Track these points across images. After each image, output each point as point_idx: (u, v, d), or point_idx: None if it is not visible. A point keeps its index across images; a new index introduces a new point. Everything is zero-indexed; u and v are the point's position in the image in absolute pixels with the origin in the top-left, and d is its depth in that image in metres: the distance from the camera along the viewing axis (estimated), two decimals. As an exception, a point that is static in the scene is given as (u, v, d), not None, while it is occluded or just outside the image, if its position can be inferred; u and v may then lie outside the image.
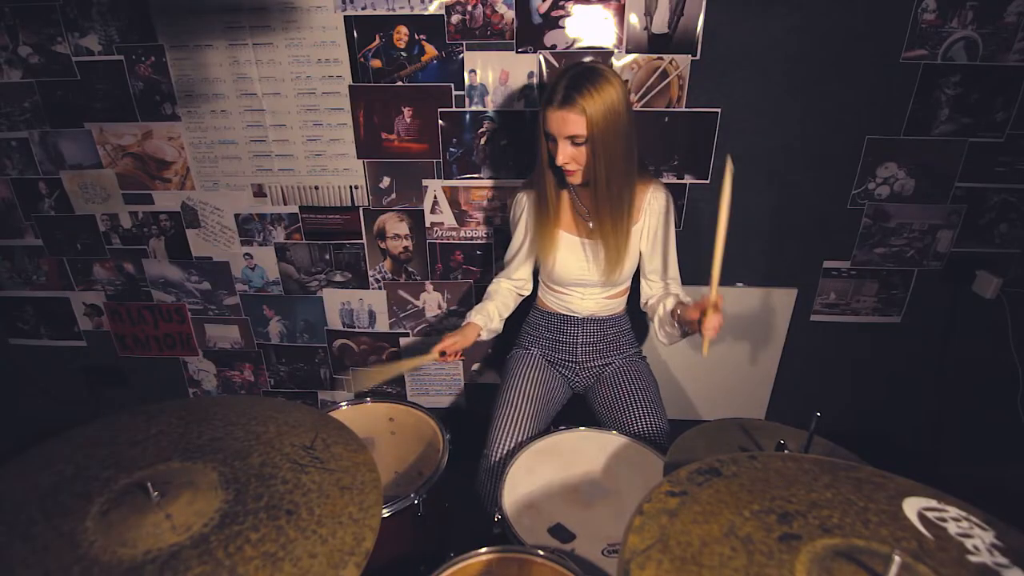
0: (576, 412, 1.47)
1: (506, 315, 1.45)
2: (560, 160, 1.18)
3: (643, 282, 1.40)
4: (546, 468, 1.15)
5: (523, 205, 1.37)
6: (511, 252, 1.44)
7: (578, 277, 1.35)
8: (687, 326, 1.22)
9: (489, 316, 1.38)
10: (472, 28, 1.45)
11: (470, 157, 1.60)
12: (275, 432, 0.83)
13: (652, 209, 1.31)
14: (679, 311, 1.24)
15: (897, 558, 0.54)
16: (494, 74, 1.50)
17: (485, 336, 1.40)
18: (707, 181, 1.59)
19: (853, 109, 1.49)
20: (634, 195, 1.26)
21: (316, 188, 1.67)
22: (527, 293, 1.49)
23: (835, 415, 1.18)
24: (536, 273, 1.47)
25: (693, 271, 1.68)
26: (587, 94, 1.11)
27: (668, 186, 1.57)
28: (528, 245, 1.39)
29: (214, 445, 0.79)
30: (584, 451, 1.19)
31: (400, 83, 1.52)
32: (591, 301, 1.39)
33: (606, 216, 1.25)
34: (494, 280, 1.48)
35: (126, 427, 0.83)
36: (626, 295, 1.45)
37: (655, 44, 1.44)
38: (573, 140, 1.16)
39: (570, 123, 1.13)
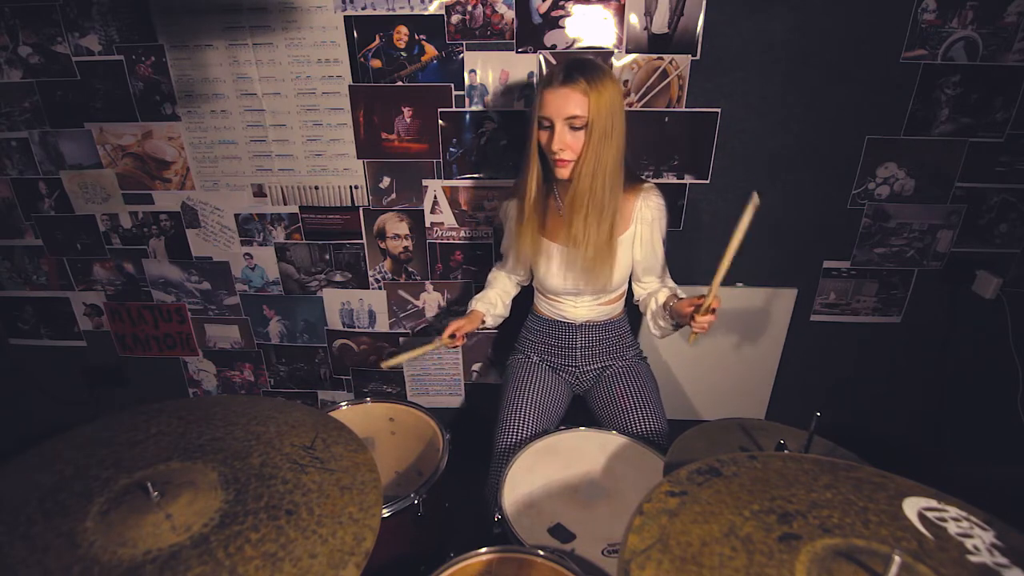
0: (576, 412, 1.47)
1: (509, 301, 1.48)
2: (556, 145, 1.13)
3: (635, 285, 1.38)
4: (546, 468, 1.15)
5: (510, 214, 1.35)
6: (505, 250, 1.45)
7: (567, 286, 1.33)
8: (679, 318, 1.19)
9: (491, 303, 1.42)
10: (472, 28, 1.45)
11: (470, 157, 1.60)
12: (275, 432, 0.83)
13: (644, 217, 1.27)
14: (672, 303, 1.23)
15: (897, 558, 0.54)
16: (494, 74, 1.50)
17: (490, 323, 1.42)
18: (707, 181, 1.59)
19: (853, 109, 1.49)
20: (620, 203, 1.22)
21: (316, 188, 1.67)
22: (527, 284, 1.50)
23: (835, 415, 1.18)
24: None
25: (693, 271, 1.68)
26: (590, 77, 1.10)
27: (668, 186, 1.58)
28: (517, 251, 1.36)
29: (214, 445, 0.79)
30: (584, 451, 1.19)
31: (400, 83, 1.52)
32: (584, 309, 1.38)
33: (581, 216, 1.19)
34: (494, 269, 1.51)
35: (126, 427, 0.83)
36: (622, 299, 1.43)
37: (655, 44, 1.44)
38: (572, 124, 1.12)
39: (572, 102, 1.10)
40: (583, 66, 1.12)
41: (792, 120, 1.51)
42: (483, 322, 1.40)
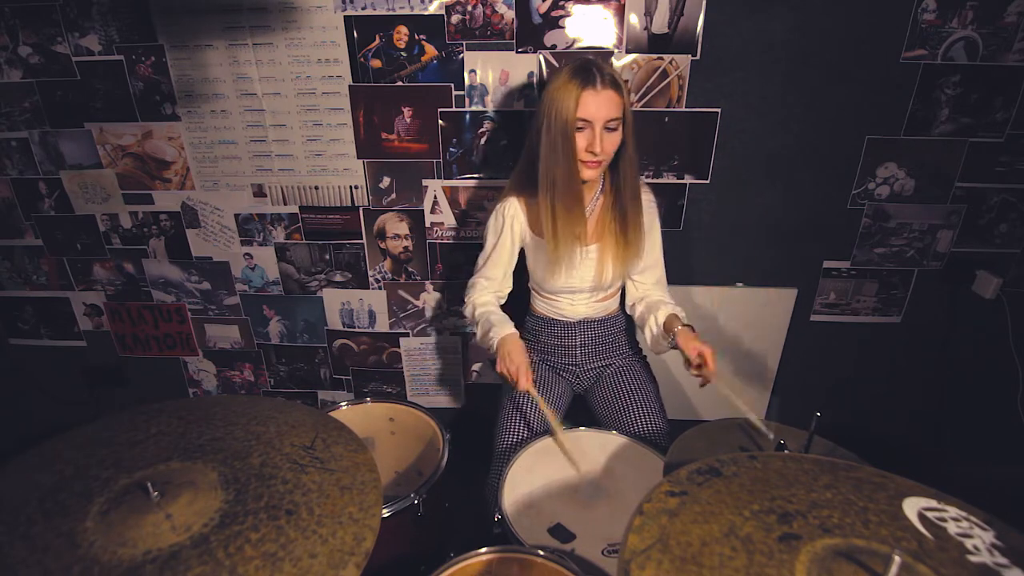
0: (576, 412, 1.47)
1: None
2: (597, 147, 1.12)
3: (629, 284, 1.37)
4: (546, 468, 1.15)
5: (513, 211, 1.29)
6: (494, 259, 1.33)
7: (566, 285, 1.32)
8: (677, 346, 1.21)
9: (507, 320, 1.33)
10: (472, 28, 1.45)
11: (470, 157, 1.60)
12: (275, 432, 0.83)
13: None
14: (675, 329, 1.21)
15: (897, 558, 0.54)
16: (494, 74, 1.50)
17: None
18: (707, 181, 1.59)
19: (853, 109, 1.49)
20: None
21: (316, 188, 1.67)
22: (503, 301, 1.42)
23: (835, 415, 1.18)
24: (524, 280, 1.43)
25: (692, 271, 1.69)
26: (618, 77, 1.13)
27: (668, 186, 1.59)
28: (513, 253, 1.32)
29: (214, 445, 0.79)
30: (584, 451, 1.19)
31: (400, 83, 1.52)
32: (582, 306, 1.38)
33: (634, 209, 1.23)
34: (476, 292, 1.36)
35: (126, 427, 0.83)
36: (618, 294, 1.43)
37: (655, 44, 1.44)
38: (608, 125, 1.12)
39: (614, 105, 1.11)
40: (607, 67, 1.14)
41: (792, 120, 1.51)
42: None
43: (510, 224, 1.31)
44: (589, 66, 1.12)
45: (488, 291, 1.38)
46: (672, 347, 1.25)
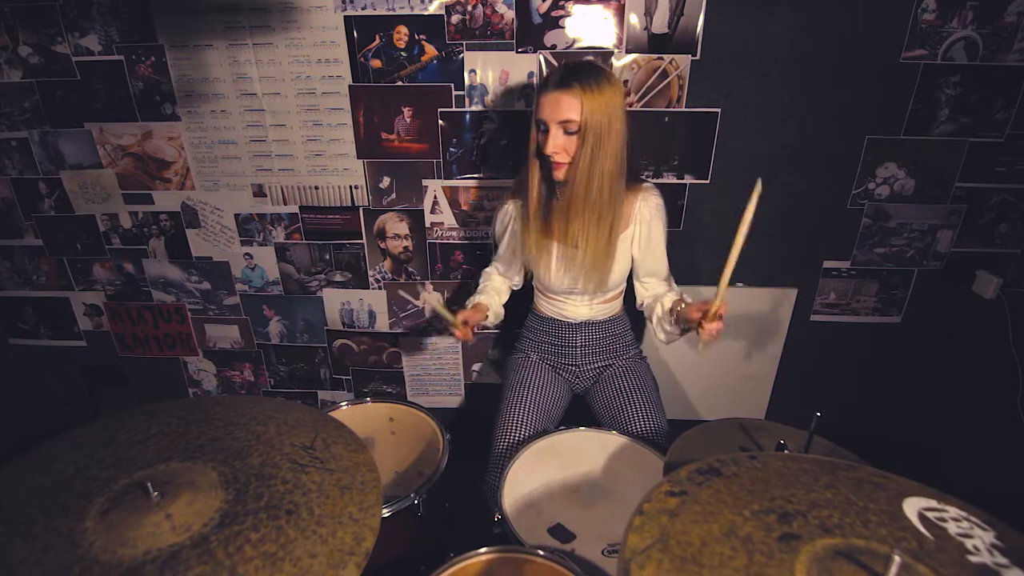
0: (576, 412, 1.47)
1: (504, 302, 1.46)
2: (549, 148, 1.14)
3: (637, 285, 1.38)
4: (546, 468, 1.15)
5: (510, 215, 1.35)
6: (500, 257, 1.44)
7: (567, 286, 1.33)
8: (686, 323, 1.19)
9: (491, 299, 1.41)
10: (472, 28, 1.45)
11: (470, 157, 1.60)
12: (275, 432, 0.83)
13: (643, 216, 1.27)
14: (678, 309, 1.22)
15: (897, 558, 0.54)
16: (494, 74, 1.50)
17: (492, 320, 1.41)
18: (707, 181, 1.59)
19: (853, 109, 1.49)
20: (622, 204, 1.23)
21: (316, 188, 1.67)
22: (517, 288, 1.50)
23: (835, 415, 1.18)
24: (530, 277, 1.45)
25: (693, 270, 1.68)
26: (585, 81, 1.10)
27: (668, 186, 1.58)
28: (516, 253, 1.38)
29: (214, 445, 0.79)
30: (584, 451, 1.19)
31: (400, 83, 1.52)
32: (584, 308, 1.38)
33: (580, 219, 1.20)
34: (488, 270, 1.48)
35: (126, 427, 0.83)
36: (621, 297, 1.43)
37: (655, 44, 1.44)
38: (565, 127, 1.13)
39: (564, 106, 1.10)
40: (579, 70, 1.12)
41: (792, 120, 1.51)
42: (486, 317, 1.39)
43: (507, 225, 1.37)
44: (559, 68, 1.15)
45: (495, 276, 1.47)
46: (684, 330, 1.24)
